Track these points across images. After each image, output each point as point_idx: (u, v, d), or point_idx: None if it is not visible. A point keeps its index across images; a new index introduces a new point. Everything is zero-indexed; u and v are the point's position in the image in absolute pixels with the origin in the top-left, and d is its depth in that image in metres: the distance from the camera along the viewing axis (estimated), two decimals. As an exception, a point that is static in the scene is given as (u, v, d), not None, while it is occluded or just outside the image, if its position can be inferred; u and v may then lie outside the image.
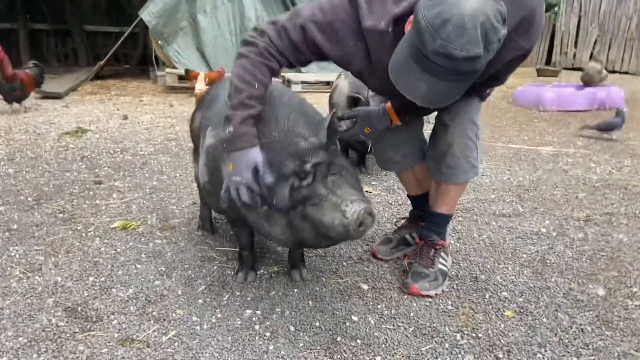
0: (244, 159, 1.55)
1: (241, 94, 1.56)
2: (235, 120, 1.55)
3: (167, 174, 3.27)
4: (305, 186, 1.52)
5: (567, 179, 3.37)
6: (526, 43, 1.51)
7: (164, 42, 7.32)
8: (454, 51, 1.24)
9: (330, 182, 1.54)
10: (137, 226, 2.43)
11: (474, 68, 1.28)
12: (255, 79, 1.56)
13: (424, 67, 1.30)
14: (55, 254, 2.14)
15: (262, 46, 1.58)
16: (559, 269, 2.11)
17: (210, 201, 2.01)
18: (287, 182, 1.53)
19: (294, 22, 1.57)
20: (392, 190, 3.07)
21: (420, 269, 1.93)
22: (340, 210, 1.47)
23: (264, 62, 1.58)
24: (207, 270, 2.04)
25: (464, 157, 1.84)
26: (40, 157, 3.58)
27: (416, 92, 1.36)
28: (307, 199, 1.52)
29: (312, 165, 1.54)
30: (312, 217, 1.52)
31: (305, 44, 1.58)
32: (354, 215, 1.45)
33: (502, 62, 1.53)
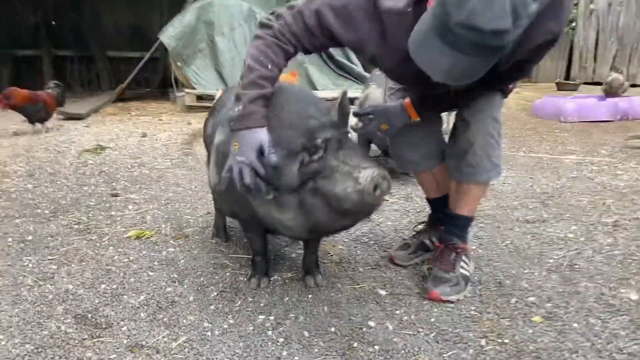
0: (249, 139, 1.52)
1: (253, 74, 1.53)
2: (245, 98, 1.52)
3: (183, 186, 3.25)
4: (316, 160, 1.47)
5: (593, 186, 3.25)
6: (556, 26, 1.43)
7: (183, 63, 7.43)
8: (480, 23, 1.16)
9: (342, 154, 1.49)
10: (151, 235, 2.40)
11: (500, 44, 1.20)
12: (269, 60, 1.54)
13: (447, 40, 1.22)
14: (69, 263, 2.11)
15: (277, 28, 1.56)
16: (589, 274, 2.00)
17: (221, 204, 1.97)
18: (296, 158, 1.49)
19: (310, 6, 1.54)
20: (410, 198, 2.99)
21: (440, 273, 1.85)
22: (353, 177, 1.40)
23: (279, 44, 1.56)
24: (220, 277, 1.98)
25: (485, 156, 1.77)
26: (59, 173, 3.60)
27: (437, 68, 1.29)
28: (317, 173, 1.46)
29: (323, 140, 1.49)
30: (324, 190, 1.45)
31: (320, 28, 1.54)
32: (367, 180, 1.37)
33: (530, 47, 1.45)
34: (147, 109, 7.33)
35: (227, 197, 1.80)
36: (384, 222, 2.60)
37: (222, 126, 1.79)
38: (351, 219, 1.54)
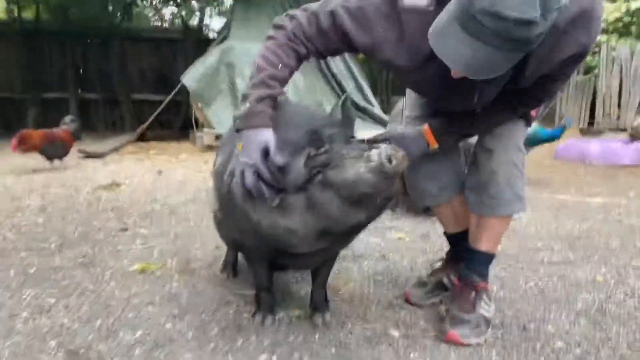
0: (255, 138, 1.43)
1: (262, 73, 1.46)
2: (253, 97, 1.45)
3: (194, 222, 3.18)
4: (323, 152, 1.39)
5: (622, 229, 3.09)
6: (586, 39, 1.35)
7: (204, 104, 7.54)
8: (505, 10, 1.08)
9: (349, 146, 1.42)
10: (156, 269, 2.31)
11: (526, 36, 1.12)
12: (279, 60, 1.47)
13: (469, 29, 1.14)
14: (67, 297, 2.02)
15: (290, 29, 1.50)
16: (621, 319, 1.84)
17: (222, 232, 1.88)
18: (302, 153, 1.41)
19: (325, 8, 1.49)
20: (428, 237, 2.86)
21: (459, 313, 1.71)
22: (364, 158, 1.31)
23: (291, 45, 1.49)
24: (223, 313, 1.87)
25: (509, 187, 1.65)
26: (71, 208, 3.57)
27: (457, 58, 1.20)
28: (325, 165, 1.37)
29: (329, 134, 1.43)
30: (335, 178, 1.33)
31: (334, 30, 1.48)
32: (381, 154, 1.28)
33: (558, 59, 1.37)
34: (166, 149, 7.39)
35: (227, 222, 1.72)
36: (400, 260, 2.48)
37: (221, 151, 1.74)
38: (365, 209, 1.38)
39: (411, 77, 1.57)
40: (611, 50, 10.54)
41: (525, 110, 1.65)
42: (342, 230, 1.45)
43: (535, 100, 1.60)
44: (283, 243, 1.53)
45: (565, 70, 1.45)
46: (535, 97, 1.58)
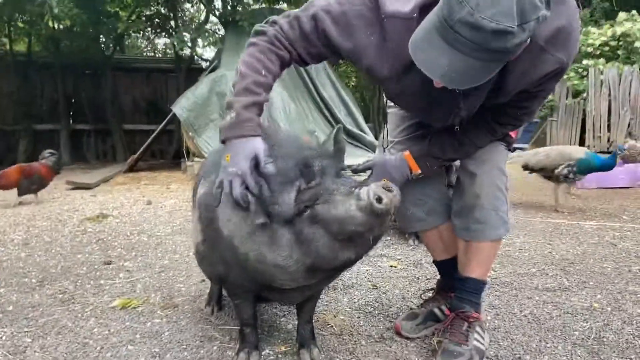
0: (243, 148, 1.36)
1: (246, 80, 1.41)
2: (238, 105, 1.39)
3: (180, 253, 3.10)
4: (314, 186, 1.35)
5: (617, 252, 3.03)
6: (564, 55, 1.34)
7: (195, 133, 7.50)
8: (483, 21, 1.07)
9: (339, 180, 1.38)
10: (138, 305, 2.22)
11: (504, 46, 1.10)
12: (263, 66, 1.43)
13: (448, 39, 1.12)
14: (45, 336, 1.94)
15: (272, 34, 1.46)
16: (619, 348, 1.78)
17: (204, 266, 1.81)
18: (292, 185, 1.35)
19: (307, 12, 1.45)
20: (420, 264, 2.80)
21: (452, 346, 1.64)
22: (354, 195, 1.28)
23: (274, 49, 1.45)
24: (206, 350, 1.79)
25: (493, 210, 1.62)
26: (55, 241, 3.49)
27: (437, 68, 1.18)
28: (315, 199, 1.32)
29: (320, 166, 1.38)
30: (324, 215, 1.30)
31: (316, 34, 1.44)
32: (370, 193, 1.24)
33: (537, 76, 1.35)
34: (157, 179, 7.34)
35: (211, 255, 1.66)
36: (391, 289, 2.41)
37: (204, 179, 1.68)
38: (355, 247, 1.35)
39: (393, 86, 1.52)
40: (599, 73, 10.66)
41: (505, 131, 1.62)
42: (330, 267, 1.40)
43: (514, 119, 1.57)
44: (270, 278, 1.47)
45: (543, 87, 1.43)
46: (514, 117, 1.55)
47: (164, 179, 7.31)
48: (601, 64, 11.17)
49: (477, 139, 1.61)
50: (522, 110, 1.52)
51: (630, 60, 11.18)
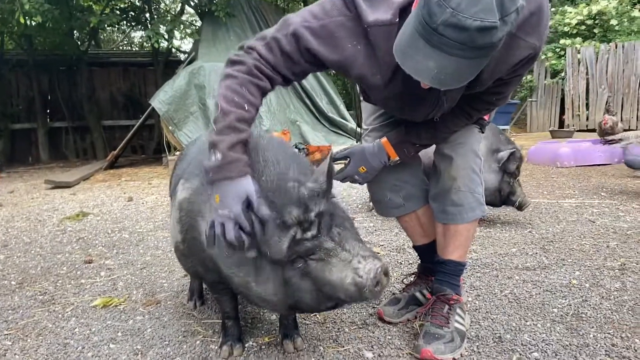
0: (233, 189, 1.32)
1: (229, 117, 1.34)
2: (223, 145, 1.33)
3: (163, 249, 3.08)
4: (310, 238, 1.31)
5: (595, 229, 3.08)
6: (536, 40, 1.34)
7: (175, 127, 7.44)
8: (466, 21, 1.06)
9: (336, 234, 1.34)
10: (120, 303, 2.21)
11: (489, 41, 1.09)
12: (245, 100, 1.36)
13: (433, 42, 1.11)
14: (25, 338, 1.91)
15: (250, 64, 1.39)
16: (598, 323, 1.81)
17: (183, 264, 1.80)
18: (288, 231, 1.30)
19: (285, 31, 1.40)
20: (403, 249, 2.81)
21: (433, 328, 1.65)
22: (353, 267, 1.27)
23: (254, 81, 1.38)
24: (189, 345, 1.78)
25: (470, 192, 1.64)
26: (35, 242, 3.44)
27: (425, 73, 1.17)
28: (310, 253, 1.31)
29: (317, 214, 1.32)
30: (317, 274, 1.31)
31: (300, 52, 1.39)
32: (370, 274, 1.24)
33: (511, 62, 1.36)
34: (138, 174, 7.26)
35: (189, 257, 1.65)
36: (373, 276, 2.41)
37: (185, 180, 1.65)
38: (339, 305, 1.40)
39: (380, 92, 1.51)
40: (576, 52, 10.76)
41: (479, 115, 1.63)
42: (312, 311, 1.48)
43: (489, 104, 1.58)
44: (251, 300, 1.50)
45: (517, 72, 1.44)
46: (488, 102, 1.56)
47: (145, 174, 7.24)
48: (578, 43, 11.28)
49: (452, 124, 1.63)
50: (497, 96, 1.53)
51: (607, 38, 11.30)
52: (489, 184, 3.11)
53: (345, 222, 1.41)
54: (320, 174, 1.39)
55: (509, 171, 3.14)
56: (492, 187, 3.12)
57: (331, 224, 1.36)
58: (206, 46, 8.51)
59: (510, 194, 3.16)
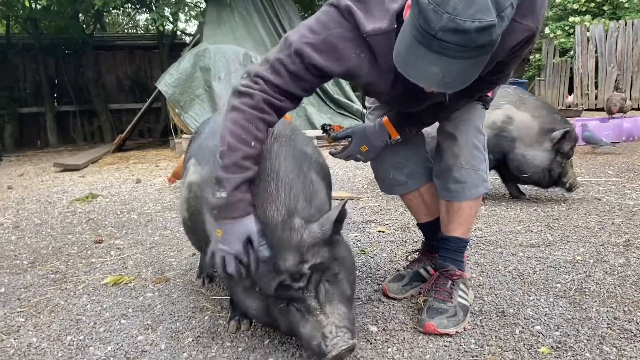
0: (236, 229, 1.37)
1: (235, 154, 1.36)
2: (229, 185, 1.35)
3: (171, 229, 3.12)
4: (296, 289, 1.38)
5: (601, 206, 3.09)
6: (532, 22, 1.34)
7: (181, 109, 7.44)
8: (465, 23, 1.06)
9: (323, 291, 1.41)
10: (130, 281, 2.25)
11: (489, 39, 1.10)
12: (251, 136, 1.37)
13: (434, 48, 1.11)
14: (37, 315, 1.96)
15: (258, 98, 1.38)
16: (600, 298, 1.83)
17: (190, 238, 1.84)
18: (278, 277, 1.38)
19: (287, 51, 1.39)
20: (407, 228, 2.84)
21: (436, 303, 1.68)
22: (323, 335, 1.34)
23: (260, 116, 1.39)
24: (198, 321, 1.82)
25: (472, 169, 1.65)
26: (45, 223, 3.50)
27: (430, 78, 1.17)
28: (293, 301, 1.40)
29: (310, 266, 1.38)
30: (293, 321, 1.41)
31: (306, 69, 1.39)
32: (334, 349, 1.31)
33: (508, 47, 1.36)
34: (146, 157, 7.30)
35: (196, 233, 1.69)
36: (379, 254, 2.45)
37: (197, 162, 1.69)
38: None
39: (387, 95, 1.52)
40: (585, 30, 10.60)
41: (481, 93, 1.64)
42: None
43: (490, 83, 1.58)
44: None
45: (516, 54, 1.43)
46: (490, 81, 1.56)
47: (152, 157, 7.28)
48: (587, 20, 11.11)
49: (455, 104, 1.63)
50: (497, 75, 1.53)
51: (616, 16, 11.12)
52: (539, 162, 3.13)
53: (339, 273, 1.46)
54: (327, 222, 1.40)
55: (563, 151, 3.13)
56: (542, 166, 3.13)
57: (321, 278, 1.41)
58: (211, 28, 8.46)
59: (561, 175, 3.15)
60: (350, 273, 1.51)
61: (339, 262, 1.47)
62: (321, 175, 1.63)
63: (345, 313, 1.40)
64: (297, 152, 1.59)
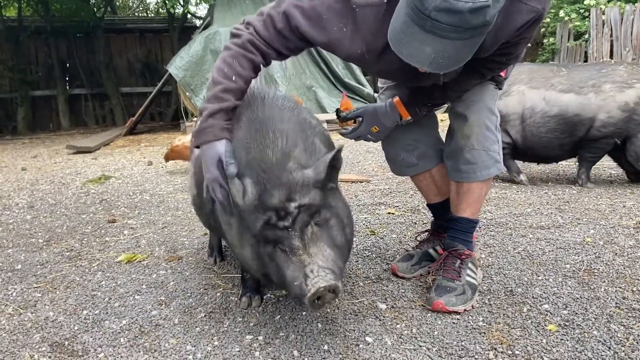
0: (209, 153, 1.42)
1: (217, 87, 1.45)
2: (205, 112, 1.44)
3: (182, 210, 3.16)
4: (281, 228, 1.35)
5: (612, 190, 3.07)
6: (538, 3, 1.33)
7: (192, 93, 7.47)
8: (458, 4, 1.07)
9: (309, 233, 1.36)
10: (143, 259, 2.30)
11: (483, 20, 1.10)
12: (234, 72, 1.45)
13: (427, 28, 1.12)
14: (54, 290, 2.01)
15: (245, 38, 1.47)
16: (609, 278, 1.83)
17: (199, 216, 1.87)
18: (264, 214, 1.35)
19: (278, 9, 1.45)
20: (417, 210, 2.85)
21: (445, 282, 1.70)
22: (305, 273, 1.29)
23: (246, 54, 1.46)
24: (210, 297, 1.86)
25: (484, 150, 1.65)
26: (60, 203, 3.55)
27: (423, 58, 1.19)
28: (278, 242, 1.36)
29: (298, 206, 1.35)
30: (278, 263, 1.37)
31: (291, 30, 1.45)
32: (314, 287, 1.26)
33: (513, 29, 1.35)
34: (157, 140, 7.36)
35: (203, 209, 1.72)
36: (388, 235, 2.46)
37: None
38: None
39: (374, 67, 1.54)
40: (600, 14, 10.42)
41: (492, 74, 1.63)
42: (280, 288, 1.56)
43: (499, 64, 1.57)
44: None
45: (523, 35, 1.42)
46: (499, 62, 1.55)
47: (163, 140, 7.33)
48: (603, 3, 10.90)
49: (465, 83, 1.63)
50: (507, 57, 1.53)
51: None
52: None
53: (330, 220, 1.42)
54: (322, 164, 1.39)
55: None
56: None
57: (310, 221, 1.37)
58: (221, 11, 8.44)
59: None
60: (343, 221, 1.46)
61: (332, 209, 1.44)
62: (325, 145, 1.61)
63: (332, 256, 1.35)
64: (302, 119, 1.61)
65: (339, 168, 1.45)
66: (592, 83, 3.10)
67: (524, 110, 3.23)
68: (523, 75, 3.33)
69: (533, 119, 3.20)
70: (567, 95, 3.13)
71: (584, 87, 3.10)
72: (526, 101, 3.23)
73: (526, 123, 3.23)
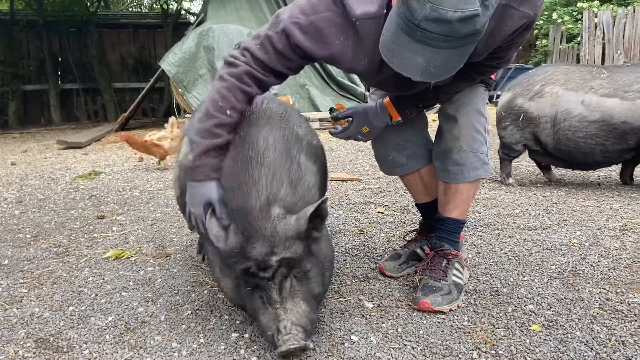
0: (198, 192, 1.44)
1: (210, 121, 1.43)
2: (198, 149, 1.44)
3: (172, 207, 3.15)
4: (261, 278, 1.37)
5: (600, 192, 3.10)
6: (529, 9, 1.34)
7: (184, 89, 7.45)
8: (447, 13, 1.07)
9: (288, 286, 1.38)
10: (131, 255, 2.29)
11: (473, 29, 1.10)
12: (229, 105, 1.42)
13: (417, 38, 1.12)
14: (40, 286, 2.00)
15: (242, 69, 1.43)
16: (594, 279, 1.85)
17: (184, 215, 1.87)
18: (245, 262, 1.37)
19: (276, 28, 1.42)
20: (406, 210, 2.86)
21: (431, 281, 1.71)
22: (278, 330, 1.33)
23: (242, 87, 1.43)
24: (197, 294, 1.86)
25: (472, 152, 1.66)
26: (48, 199, 3.53)
27: (414, 68, 1.19)
28: (257, 288, 1.39)
29: (279, 259, 1.36)
30: (254, 307, 1.42)
31: (292, 49, 1.42)
32: (283, 347, 1.30)
33: (504, 35, 1.36)
34: (148, 136, 7.31)
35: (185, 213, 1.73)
36: (377, 234, 2.47)
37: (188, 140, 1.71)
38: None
39: (373, 79, 1.56)
40: (593, 17, 10.49)
41: (482, 77, 1.64)
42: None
43: (491, 67, 1.59)
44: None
45: (514, 41, 1.44)
46: (489, 66, 1.56)
47: (155, 136, 7.29)
48: (595, 6, 10.99)
49: (455, 86, 1.64)
50: (497, 61, 1.54)
51: (625, 2, 10.99)
52: None
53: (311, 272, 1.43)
54: (303, 216, 1.37)
55: None
56: None
57: (289, 273, 1.38)
58: (215, 7, 8.42)
59: None
60: (323, 272, 1.49)
61: (314, 259, 1.45)
62: (312, 159, 1.60)
63: (306, 312, 1.37)
64: (288, 133, 1.57)
65: (324, 217, 1.44)
66: (637, 88, 2.93)
67: (557, 114, 3.09)
68: (559, 75, 3.19)
69: (569, 123, 3.05)
70: (610, 100, 2.97)
71: (629, 91, 2.94)
72: (560, 103, 3.08)
73: (559, 127, 3.08)
